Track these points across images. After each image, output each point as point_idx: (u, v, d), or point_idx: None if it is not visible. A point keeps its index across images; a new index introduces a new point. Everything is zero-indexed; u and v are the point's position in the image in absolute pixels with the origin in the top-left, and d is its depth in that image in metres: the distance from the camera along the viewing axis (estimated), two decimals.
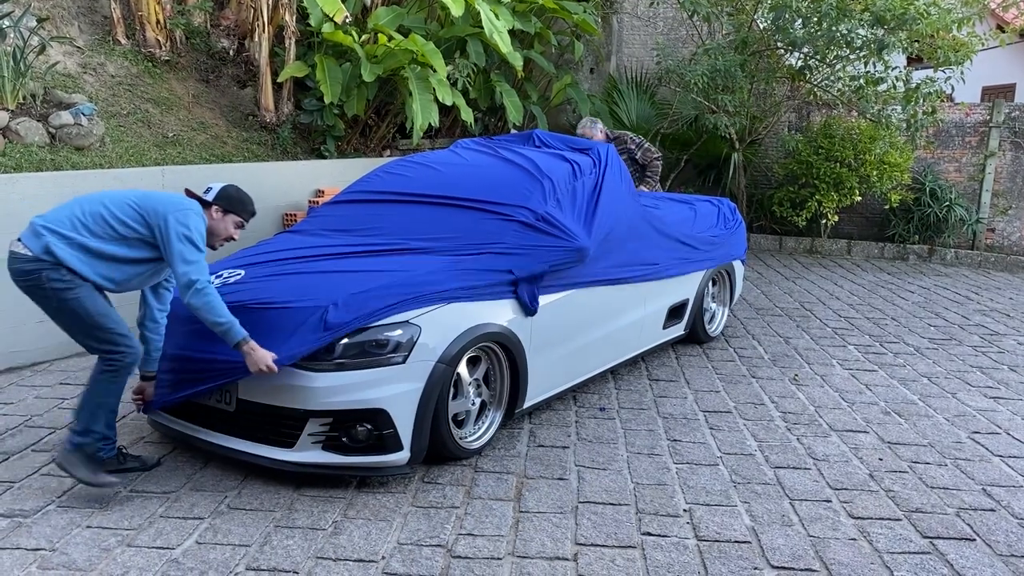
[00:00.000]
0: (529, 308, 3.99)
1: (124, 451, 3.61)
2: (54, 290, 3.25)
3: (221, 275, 3.96)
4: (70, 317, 3.32)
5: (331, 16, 6.99)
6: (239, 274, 3.94)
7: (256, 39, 7.75)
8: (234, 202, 3.57)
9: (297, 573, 2.91)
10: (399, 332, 3.51)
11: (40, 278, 3.24)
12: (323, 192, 7.09)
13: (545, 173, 4.49)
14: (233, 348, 3.34)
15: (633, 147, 6.52)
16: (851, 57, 8.82)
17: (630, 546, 3.14)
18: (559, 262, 4.15)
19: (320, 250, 4.18)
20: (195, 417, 3.80)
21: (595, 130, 6.36)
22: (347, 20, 7.18)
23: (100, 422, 3.41)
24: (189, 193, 3.55)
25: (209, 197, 3.53)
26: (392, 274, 3.75)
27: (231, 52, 8.14)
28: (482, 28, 7.42)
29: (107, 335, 3.33)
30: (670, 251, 5.19)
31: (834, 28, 8.28)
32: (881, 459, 4.01)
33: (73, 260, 3.24)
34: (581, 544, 3.15)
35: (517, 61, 8.04)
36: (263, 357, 3.31)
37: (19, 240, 3.30)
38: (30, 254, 3.24)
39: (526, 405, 4.21)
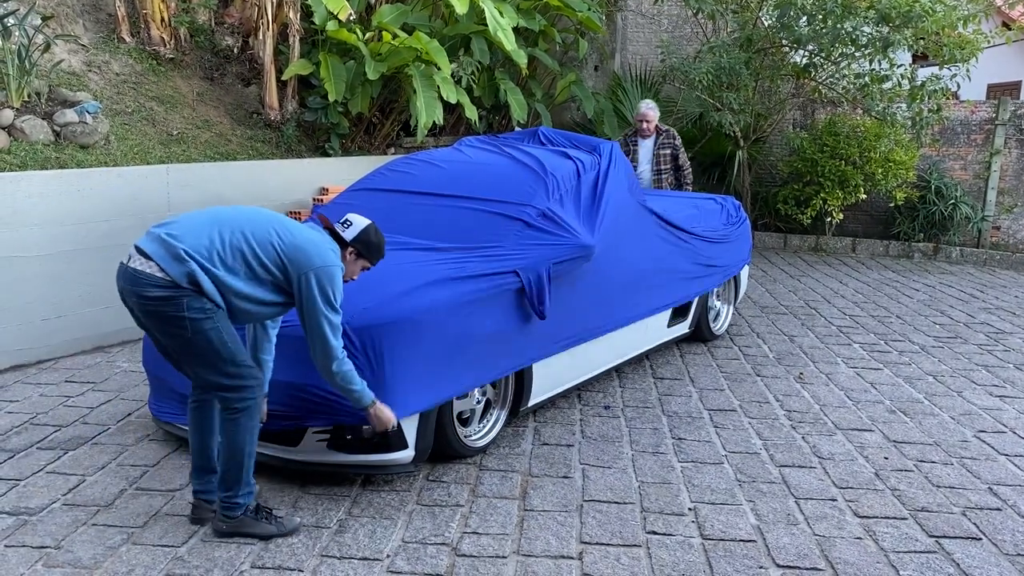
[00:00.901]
0: (537, 311, 3.88)
1: (262, 505, 3.21)
2: (192, 320, 2.83)
3: None
4: (201, 349, 2.90)
5: (335, 14, 6.98)
6: None
7: (260, 37, 7.75)
8: (372, 248, 3.20)
9: (302, 571, 2.91)
10: None
11: (180, 306, 2.81)
12: (327, 190, 7.09)
13: (549, 171, 4.48)
14: (363, 411, 3.12)
15: (678, 143, 6.88)
16: (856, 55, 8.79)
17: (635, 545, 3.14)
18: (564, 260, 4.13)
19: None
20: None
21: (656, 114, 6.81)
22: (351, 18, 7.17)
23: (247, 471, 3.07)
24: (323, 221, 3.20)
25: (348, 235, 3.15)
26: (400, 279, 3.74)
27: (235, 50, 8.14)
28: (486, 26, 7.40)
29: (238, 369, 2.95)
30: (681, 272, 5.22)
31: (839, 25, 8.26)
32: (887, 458, 4.00)
33: (215, 294, 2.87)
34: (586, 543, 3.15)
35: (521, 59, 8.03)
36: (389, 417, 3.16)
37: (148, 258, 2.83)
38: (168, 279, 2.80)
39: (530, 403, 4.21)
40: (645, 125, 6.80)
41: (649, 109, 6.80)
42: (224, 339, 2.91)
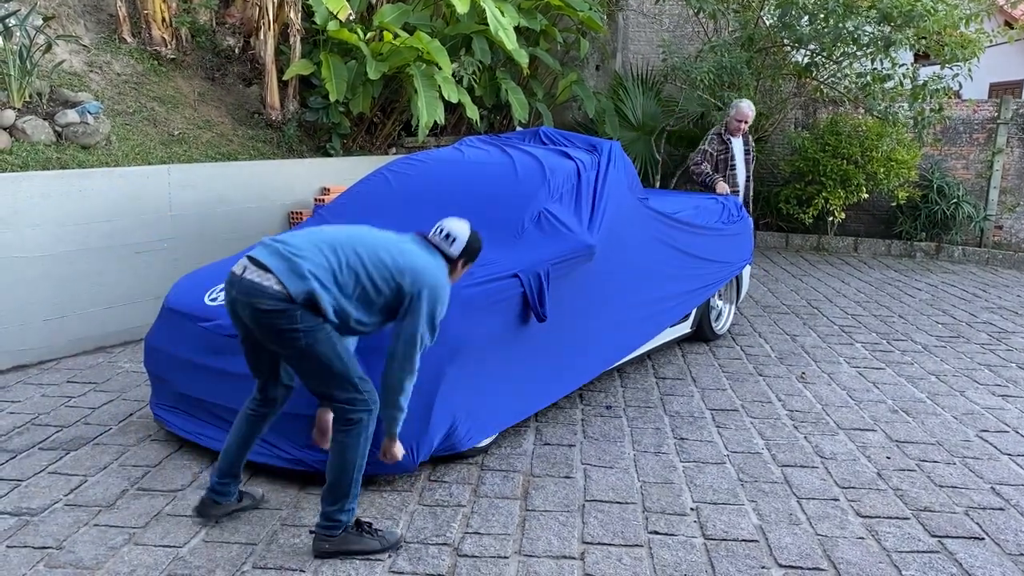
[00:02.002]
0: (539, 314, 3.88)
1: (361, 520, 3.14)
2: (305, 332, 2.83)
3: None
4: (316, 362, 2.89)
5: (335, 14, 6.98)
6: None
7: (261, 37, 7.75)
8: (475, 253, 3.19)
9: (303, 571, 2.91)
10: None
11: (293, 319, 2.81)
12: (329, 190, 7.09)
13: (550, 170, 4.47)
14: (387, 436, 3.08)
15: (752, 145, 6.89)
16: (858, 54, 8.77)
17: (637, 545, 3.13)
18: (564, 260, 4.12)
19: None
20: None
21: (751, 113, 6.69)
22: (351, 18, 7.17)
23: (355, 485, 3.01)
24: (425, 238, 3.14)
25: (455, 250, 3.10)
26: None
27: (236, 50, 8.14)
28: (487, 25, 7.40)
29: (352, 382, 2.93)
30: (685, 280, 5.22)
31: (841, 25, 8.24)
32: (889, 457, 3.99)
33: (331, 312, 2.87)
34: (588, 543, 3.14)
35: (523, 58, 8.02)
36: (398, 455, 3.13)
37: (267, 271, 2.83)
38: (284, 292, 2.81)
39: None
40: (743, 125, 6.65)
41: (750, 108, 6.66)
42: (338, 351, 2.90)
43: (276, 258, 2.87)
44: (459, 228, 3.12)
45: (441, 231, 3.12)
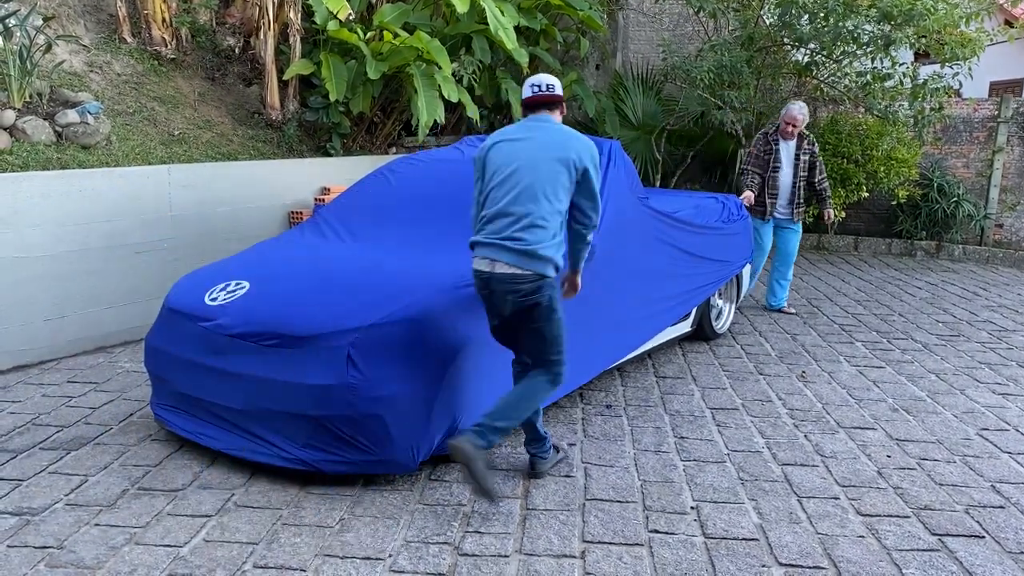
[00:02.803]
0: None
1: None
2: (553, 307, 3.36)
3: (228, 286, 3.95)
4: (552, 332, 3.38)
5: (335, 13, 6.99)
6: (244, 286, 3.92)
7: (261, 37, 7.75)
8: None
9: (304, 571, 2.91)
10: None
11: (547, 295, 3.33)
12: (329, 190, 7.09)
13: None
14: (572, 269, 3.61)
15: (817, 151, 6.62)
16: (858, 53, 8.77)
17: (637, 544, 3.14)
18: (565, 259, 4.12)
19: (326, 258, 4.19)
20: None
21: (805, 119, 6.46)
22: (350, 17, 7.17)
23: (522, 417, 3.43)
24: (535, 108, 3.58)
25: (560, 92, 3.57)
26: (400, 282, 3.76)
27: (236, 50, 8.14)
28: (487, 25, 7.40)
29: (563, 344, 3.44)
30: (686, 278, 5.23)
31: (841, 24, 8.24)
32: (889, 456, 4.00)
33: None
34: (588, 542, 3.14)
35: (523, 58, 8.03)
36: (578, 284, 3.68)
37: (512, 256, 3.25)
38: (536, 274, 3.27)
39: None
40: (792, 128, 6.46)
41: (799, 113, 6.42)
42: (564, 323, 3.41)
43: (509, 253, 3.26)
44: (548, 78, 3.52)
45: (540, 86, 3.48)
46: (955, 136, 9.87)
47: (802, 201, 6.72)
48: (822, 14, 8.43)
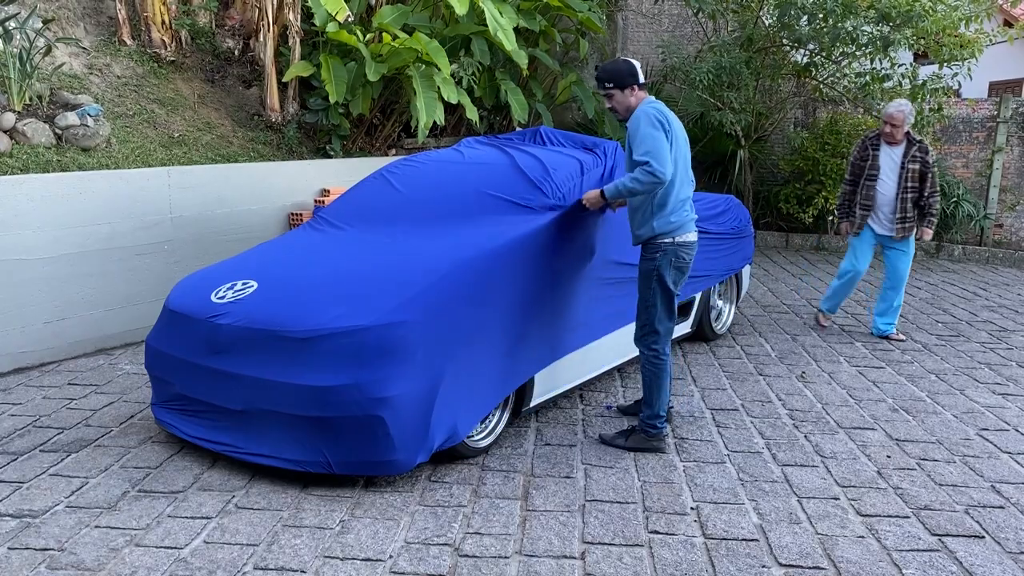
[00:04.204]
0: None
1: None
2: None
3: (235, 285, 3.95)
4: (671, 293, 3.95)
5: (334, 15, 6.99)
6: (253, 285, 3.92)
7: (261, 39, 7.76)
8: (624, 75, 4.51)
9: (305, 572, 2.91)
10: None
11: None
12: (329, 191, 7.09)
13: (551, 170, 4.48)
14: (600, 190, 3.97)
15: (930, 160, 5.71)
16: (857, 54, 8.78)
17: (637, 544, 3.14)
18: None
19: (329, 259, 4.20)
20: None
21: (908, 117, 5.61)
22: (349, 19, 7.18)
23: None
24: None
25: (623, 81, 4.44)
26: (402, 283, 3.76)
27: (236, 52, 8.15)
28: (487, 26, 7.41)
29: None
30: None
31: (840, 25, 8.25)
32: (889, 456, 4.00)
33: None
34: (588, 542, 3.15)
35: (522, 59, 8.03)
36: (593, 199, 4.03)
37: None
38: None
39: (532, 403, 4.21)
40: (891, 129, 5.65)
41: (898, 110, 5.60)
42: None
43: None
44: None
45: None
46: (955, 136, 9.87)
47: (911, 216, 5.77)
48: (821, 15, 8.45)
